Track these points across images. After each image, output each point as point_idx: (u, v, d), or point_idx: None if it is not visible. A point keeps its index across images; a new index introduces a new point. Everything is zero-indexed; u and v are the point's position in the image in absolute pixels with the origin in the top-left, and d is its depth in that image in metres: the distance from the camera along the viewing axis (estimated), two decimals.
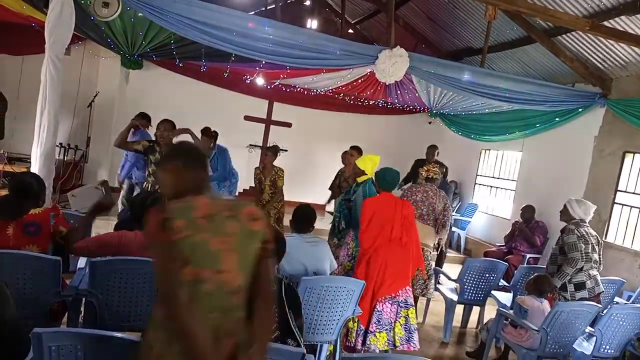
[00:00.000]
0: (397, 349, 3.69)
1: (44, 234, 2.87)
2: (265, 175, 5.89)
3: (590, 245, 3.98)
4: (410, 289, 3.86)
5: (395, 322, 3.70)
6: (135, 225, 3.04)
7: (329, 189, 6.38)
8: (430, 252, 4.73)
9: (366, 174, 4.31)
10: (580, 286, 3.96)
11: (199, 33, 4.89)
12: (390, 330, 3.68)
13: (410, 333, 3.75)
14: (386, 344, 3.67)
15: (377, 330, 3.65)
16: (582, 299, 3.92)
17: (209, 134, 6.04)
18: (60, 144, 7.19)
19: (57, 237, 2.93)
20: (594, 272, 4.02)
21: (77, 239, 2.88)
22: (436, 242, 4.89)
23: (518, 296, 3.94)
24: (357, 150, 5.96)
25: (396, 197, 4.03)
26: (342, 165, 6.29)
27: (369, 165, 4.32)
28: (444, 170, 7.25)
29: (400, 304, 3.74)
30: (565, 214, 4.15)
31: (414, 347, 3.75)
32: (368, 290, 3.59)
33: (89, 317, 2.97)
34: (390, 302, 3.71)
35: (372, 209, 3.82)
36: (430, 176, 4.93)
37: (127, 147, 4.95)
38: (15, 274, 2.71)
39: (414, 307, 3.87)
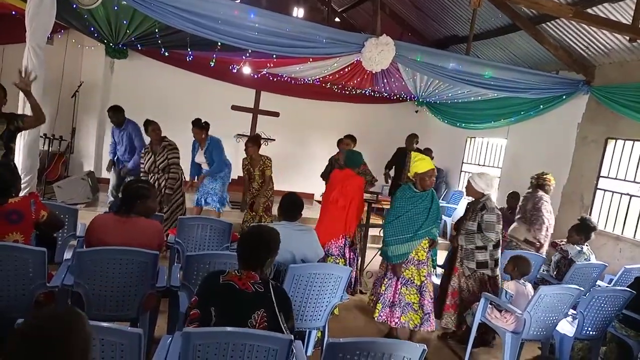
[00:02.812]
0: None
1: (26, 220, 2.89)
2: (254, 166, 5.87)
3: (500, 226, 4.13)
4: (336, 242, 4.64)
5: None
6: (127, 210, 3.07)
7: (321, 176, 6.43)
8: (516, 244, 5.34)
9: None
10: (482, 265, 4.12)
11: (183, 21, 4.83)
12: None
13: None
14: None
15: None
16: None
17: (200, 125, 6.02)
18: (45, 134, 7.11)
19: (39, 222, 2.96)
20: (497, 254, 4.17)
21: (59, 221, 3.04)
22: (530, 237, 5.31)
23: (503, 281, 4.01)
24: (352, 139, 6.08)
25: (350, 173, 4.81)
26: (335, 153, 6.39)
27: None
28: (432, 155, 7.48)
29: (326, 252, 4.53)
30: (470, 190, 4.22)
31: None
32: None
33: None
34: None
35: (332, 178, 4.91)
36: (540, 183, 5.41)
37: None
38: (0, 266, 2.69)
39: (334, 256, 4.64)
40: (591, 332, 3.85)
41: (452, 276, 4.28)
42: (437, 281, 4.81)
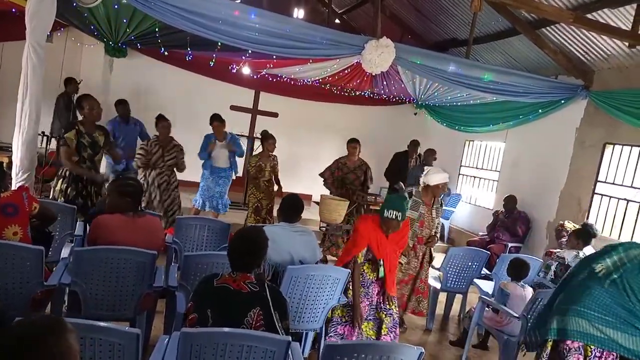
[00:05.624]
0: None
1: (22, 212, 2.92)
2: (265, 162, 5.98)
3: None
4: None
5: None
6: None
7: (321, 174, 6.45)
8: None
9: None
10: None
11: (183, 21, 4.83)
12: None
13: None
14: None
15: None
16: None
17: (223, 120, 6.28)
18: (43, 132, 7.07)
19: (32, 214, 2.99)
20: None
21: (51, 212, 3.13)
22: None
23: (501, 281, 4.03)
24: (359, 144, 6.22)
25: None
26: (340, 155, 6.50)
27: None
28: (420, 156, 7.61)
29: None
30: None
31: None
32: None
33: (73, 307, 2.96)
34: None
35: None
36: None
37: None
38: None
39: None
40: None
41: None
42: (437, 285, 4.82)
